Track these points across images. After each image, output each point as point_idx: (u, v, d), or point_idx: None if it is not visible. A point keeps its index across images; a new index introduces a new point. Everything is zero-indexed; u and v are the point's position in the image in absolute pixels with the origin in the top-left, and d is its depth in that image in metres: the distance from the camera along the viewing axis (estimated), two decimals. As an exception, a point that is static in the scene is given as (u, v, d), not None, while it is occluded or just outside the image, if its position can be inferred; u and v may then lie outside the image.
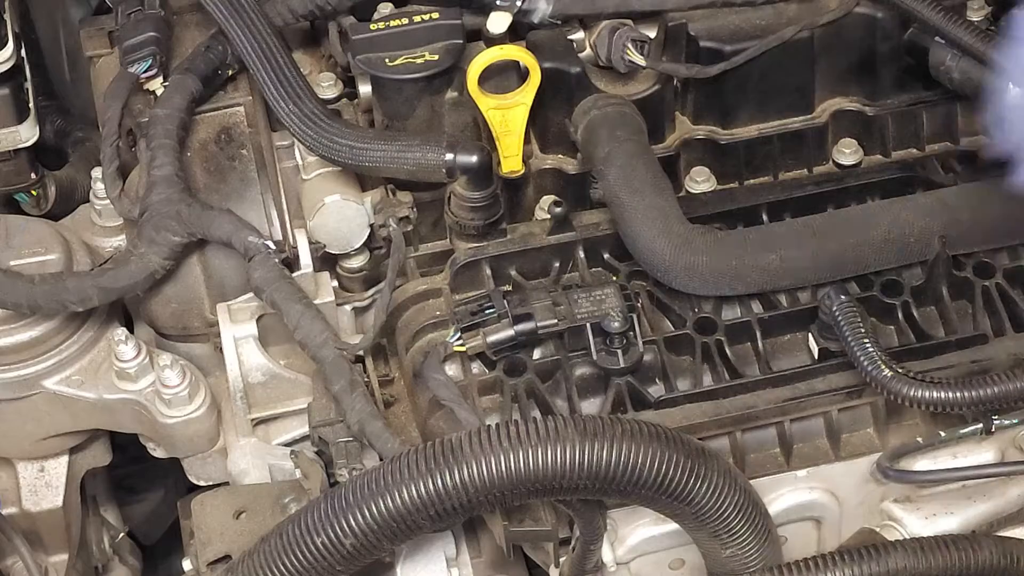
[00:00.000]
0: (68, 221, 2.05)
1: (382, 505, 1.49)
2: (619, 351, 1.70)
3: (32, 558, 1.97)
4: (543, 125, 1.89)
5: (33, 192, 2.19)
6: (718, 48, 1.84)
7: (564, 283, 1.82)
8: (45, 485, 2.01)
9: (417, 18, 1.84)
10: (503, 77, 1.82)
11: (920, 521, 1.73)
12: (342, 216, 1.85)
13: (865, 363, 1.65)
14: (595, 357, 1.71)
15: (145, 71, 1.87)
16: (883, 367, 1.64)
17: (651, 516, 1.69)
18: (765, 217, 1.86)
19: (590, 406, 1.73)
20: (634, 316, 1.72)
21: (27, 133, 2.07)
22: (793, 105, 1.93)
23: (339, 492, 1.52)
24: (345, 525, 1.50)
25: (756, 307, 1.79)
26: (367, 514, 1.50)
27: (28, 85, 2.08)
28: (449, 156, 1.76)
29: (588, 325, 1.71)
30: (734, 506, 1.56)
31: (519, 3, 1.87)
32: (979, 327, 1.75)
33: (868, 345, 1.65)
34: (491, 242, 1.83)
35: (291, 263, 1.81)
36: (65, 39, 2.39)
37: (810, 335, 1.75)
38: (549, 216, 1.86)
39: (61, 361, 1.87)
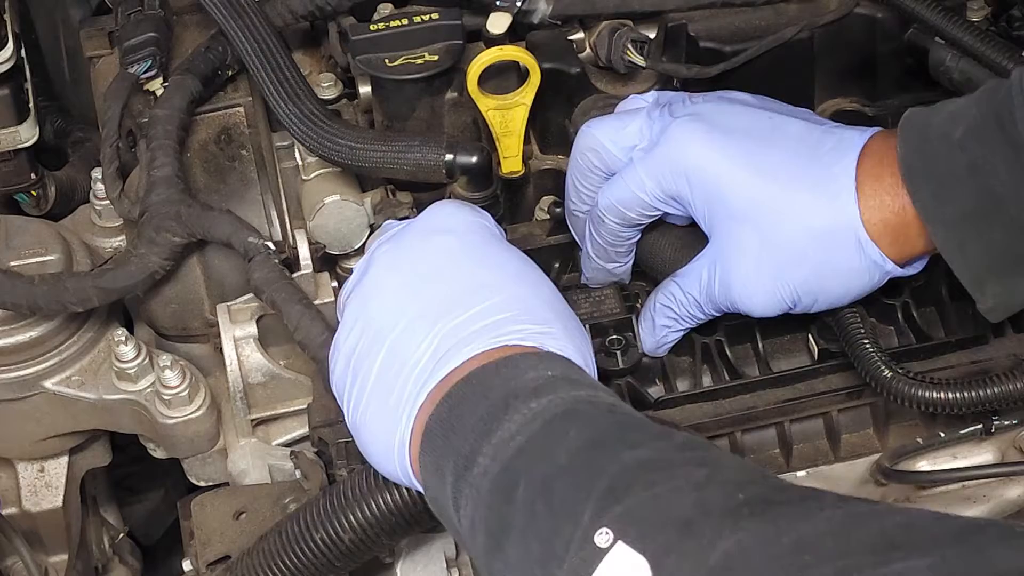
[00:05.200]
0: (68, 221, 2.04)
1: (381, 501, 1.49)
2: (618, 352, 1.70)
3: (32, 558, 1.97)
4: (543, 125, 1.89)
5: (33, 192, 2.18)
6: (718, 48, 1.84)
7: (564, 283, 1.81)
8: (45, 485, 2.01)
9: (417, 18, 1.84)
10: (503, 77, 1.82)
11: (920, 521, 1.73)
12: (342, 216, 1.84)
13: (865, 364, 1.65)
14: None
15: (145, 72, 1.86)
16: (883, 368, 1.64)
17: (651, 516, 1.69)
18: (765, 217, 1.86)
19: (590, 406, 1.72)
20: (633, 316, 1.72)
21: (27, 133, 2.07)
22: (793, 105, 1.92)
23: (338, 489, 1.53)
24: (344, 521, 1.50)
25: (756, 307, 1.79)
26: (366, 511, 1.50)
27: (28, 85, 2.08)
28: (449, 156, 1.76)
29: (588, 326, 1.71)
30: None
31: (519, 3, 1.87)
32: (979, 327, 1.75)
33: (868, 346, 1.65)
34: (491, 242, 1.83)
35: (291, 263, 1.80)
36: (65, 39, 2.39)
37: (810, 335, 1.75)
38: (549, 216, 1.86)
39: (61, 362, 1.86)
